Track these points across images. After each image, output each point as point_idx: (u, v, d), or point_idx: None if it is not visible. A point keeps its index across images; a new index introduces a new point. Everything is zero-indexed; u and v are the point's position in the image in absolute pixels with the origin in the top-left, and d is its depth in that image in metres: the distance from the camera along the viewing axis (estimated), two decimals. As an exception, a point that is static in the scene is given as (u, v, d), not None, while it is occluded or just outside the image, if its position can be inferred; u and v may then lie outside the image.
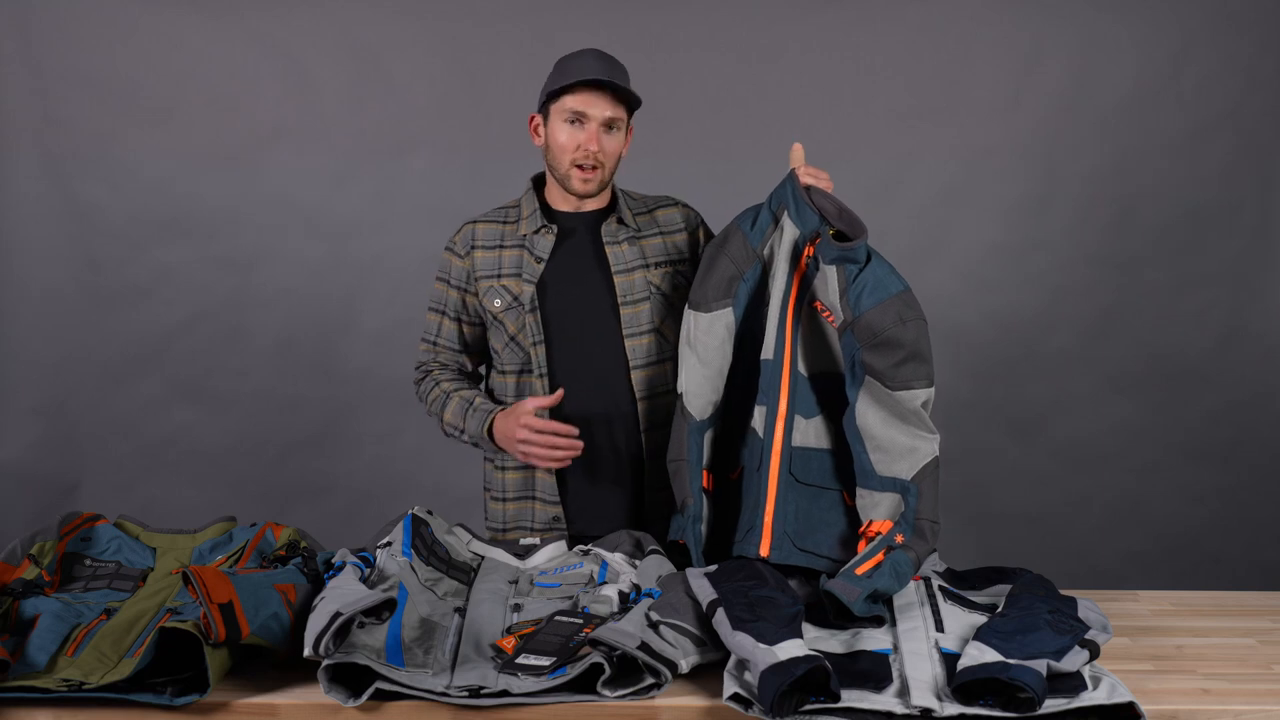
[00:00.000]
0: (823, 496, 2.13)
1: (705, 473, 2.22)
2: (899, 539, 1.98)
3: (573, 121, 2.32)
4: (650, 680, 1.71)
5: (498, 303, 2.42)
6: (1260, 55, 3.91)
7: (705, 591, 1.88)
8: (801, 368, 2.18)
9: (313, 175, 3.94)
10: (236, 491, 3.90)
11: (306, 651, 1.69)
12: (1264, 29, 3.90)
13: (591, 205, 2.44)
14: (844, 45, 3.92)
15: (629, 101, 2.37)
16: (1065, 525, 4.03)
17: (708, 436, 2.23)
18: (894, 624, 1.88)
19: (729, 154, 3.90)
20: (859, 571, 1.94)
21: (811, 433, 2.16)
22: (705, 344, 2.22)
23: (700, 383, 2.22)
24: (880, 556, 1.96)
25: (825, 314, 2.16)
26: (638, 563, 2.10)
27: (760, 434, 2.15)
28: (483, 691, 1.70)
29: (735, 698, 1.66)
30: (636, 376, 2.40)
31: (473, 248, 2.45)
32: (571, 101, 2.31)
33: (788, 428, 2.14)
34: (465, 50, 3.91)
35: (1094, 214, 3.98)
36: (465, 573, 2.11)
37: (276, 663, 1.81)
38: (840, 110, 3.90)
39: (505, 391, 2.46)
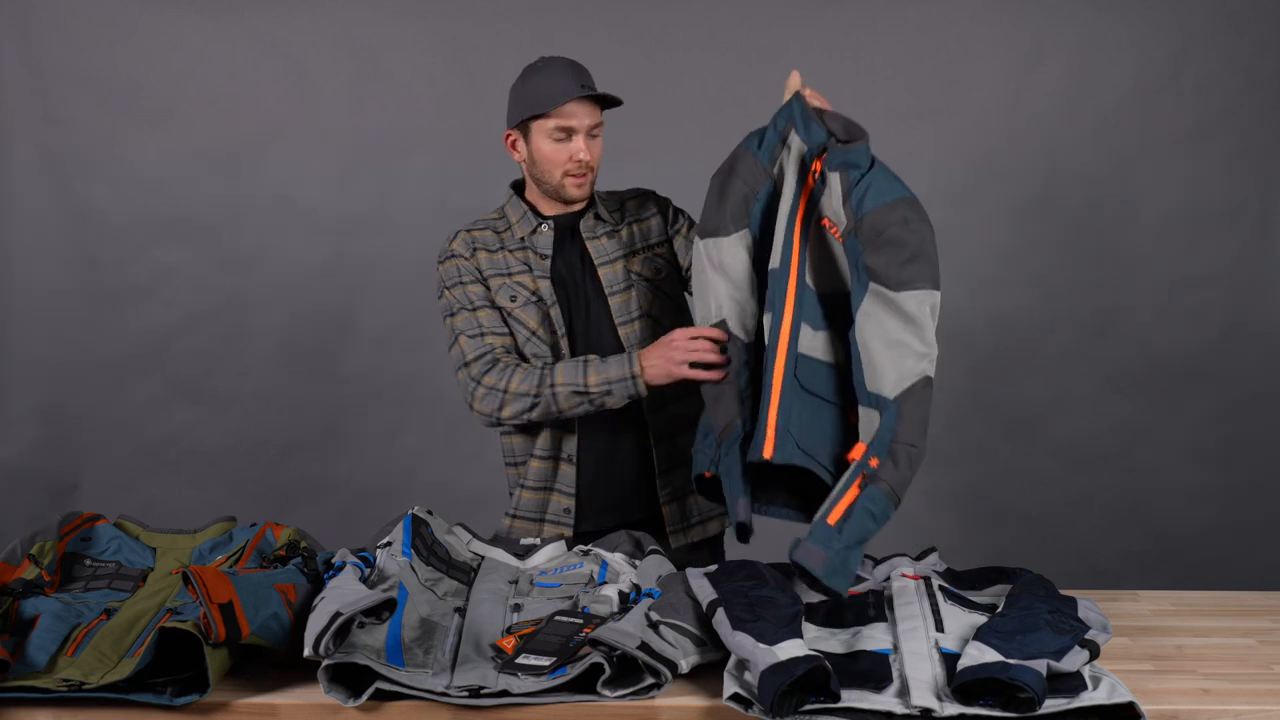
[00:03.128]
0: (825, 409, 2.07)
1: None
2: (873, 462, 1.91)
3: (561, 139, 2.35)
4: (650, 680, 1.71)
5: (513, 299, 2.42)
6: (1260, 55, 3.91)
7: (705, 591, 1.88)
8: (810, 283, 2.12)
9: (313, 175, 3.94)
10: (236, 491, 3.90)
11: (306, 651, 1.69)
12: (1264, 29, 3.90)
13: (575, 206, 2.48)
14: (844, 45, 3.92)
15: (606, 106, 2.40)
16: (1065, 525, 4.03)
17: (747, 362, 2.14)
18: (894, 624, 1.88)
19: (728, 153, 3.90)
20: (831, 519, 1.87)
21: (819, 345, 2.11)
22: (733, 266, 2.15)
23: (742, 303, 2.15)
24: (854, 493, 1.89)
25: (832, 230, 2.10)
26: (638, 563, 2.10)
27: (766, 340, 2.09)
28: (483, 691, 1.70)
29: (735, 698, 1.66)
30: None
31: (475, 249, 2.45)
32: (561, 119, 2.33)
33: (793, 333, 2.07)
34: (465, 50, 3.91)
35: (1094, 214, 3.98)
36: (465, 573, 2.11)
37: (276, 663, 1.81)
38: (840, 110, 3.89)
39: None
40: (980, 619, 1.88)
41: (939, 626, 1.85)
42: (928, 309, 1.98)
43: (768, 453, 1.99)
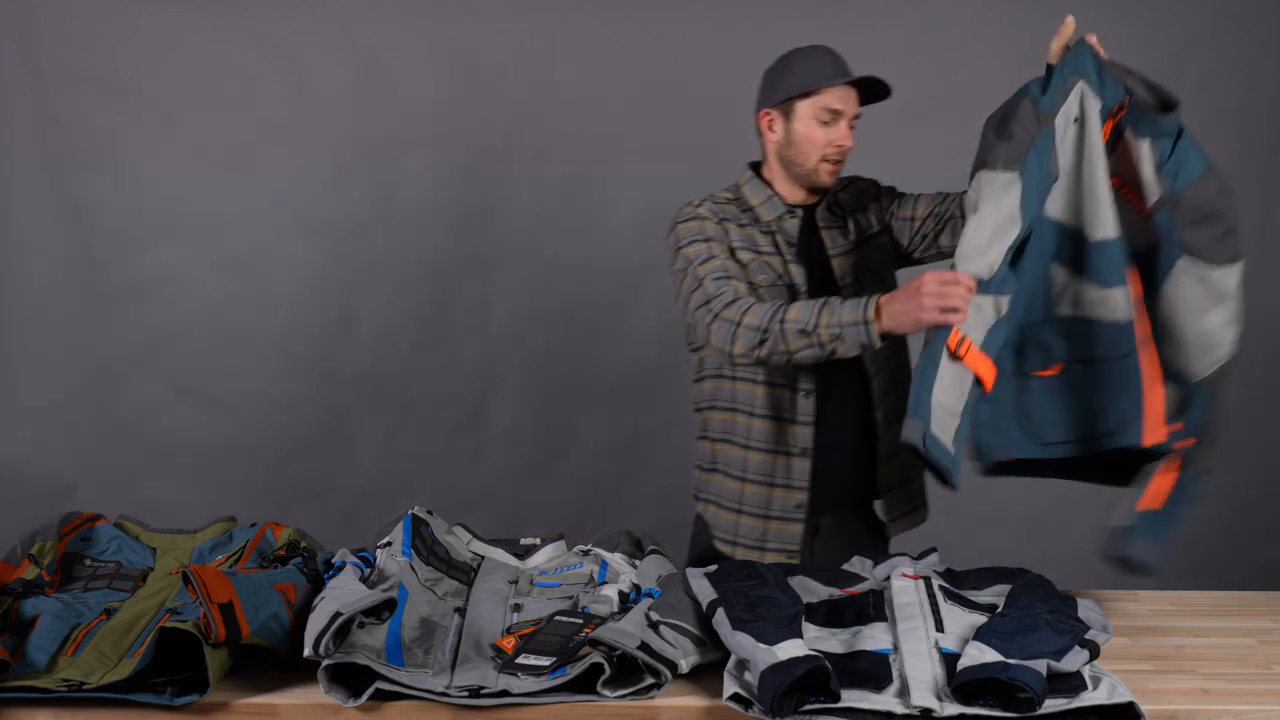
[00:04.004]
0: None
1: (989, 362, 2.01)
2: (1187, 443, 1.85)
3: (827, 122, 2.35)
4: (650, 680, 1.71)
5: (762, 277, 2.39)
6: (1260, 55, 3.91)
7: (705, 591, 1.88)
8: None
9: (313, 175, 3.94)
10: (236, 491, 3.90)
11: (306, 651, 1.69)
12: (1264, 29, 3.90)
13: (808, 199, 2.47)
14: (844, 45, 3.89)
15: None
16: (1065, 525, 4.02)
17: (988, 319, 2.00)
18: (894, 624, 1.88)
19: (729, 154, 3.88)
20: (1154, 505, 1.82)
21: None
22: (1001, 203, 2.02)
23: (987, 239, 2.01)
24: (1170, 476, 1.84)
25: (1124, 190, 2.04)
26: (638, 563, 2.10)
27: (1119, 318, 2.00)
28: (483, 691, 1.70)
29: (735, 698, 1.66)
30: (868, 353, 2.31)
31: (723, 220, 2.42)
32: (830, 99, 2.35)
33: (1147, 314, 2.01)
34: (465, 50, 3.91)
35: (1094, 214, 3.97)
36: (465, 573, 2.11)
37: (276, 663, 1.81)
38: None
39: (757, 369, 2.40)
40: (980, 619, 1.89)
41: (939, 626, 1.85)
42: (1239, 283, 2.00)
43: (1157, 437, 1.92)
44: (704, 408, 2.51)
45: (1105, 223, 2.03)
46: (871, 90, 2.39)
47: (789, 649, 1.66)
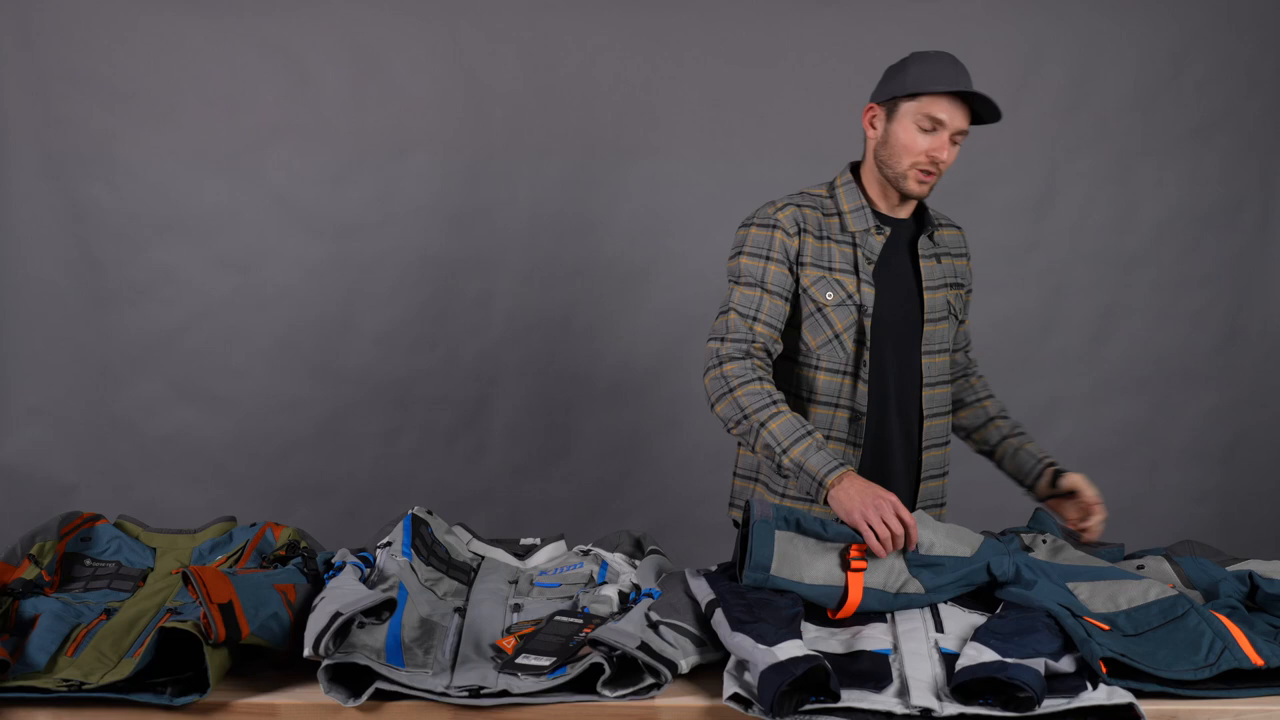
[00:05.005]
0: None
1: (858, 598, 1.94)
2: None
3: (928, 130, 2.27)
4: (650, 680, 1.71)
5: (830, 295, 2.31)
6: (1260, 55, 3.91)
7: (703, 591, 1.88)
8: None
9: (313, 175, 3.94)
10: (236, 491, 3.90)
11: (306, 651, 1.69)
12: (1264, 29, 3.91)
13: (904, 212, 2.40)
14: (844, 46, 3.92)
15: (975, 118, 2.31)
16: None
17: (886, 580, 1.96)
18: (894, 624, 1.88)
19: (729, 154, 3.91)
20: None
21: None
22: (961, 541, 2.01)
23: (942, 536, 2.01)
24: None
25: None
26: (638, 563, 2.10)
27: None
28: (483, 691, 1.70)
29: (735, 698, 1.66)
30: (926, 395, 2.37)
31: (802, 231, 2.31)
32: (934, 107, 2.25)
33: None
34: (465, 50, 3.91)
35: (1094, 214, 3.98)
36: (465, 573, 2.11)
37: (276, 663, 1.81)
38: (840, 111, 3.89)
39: (812, 388, 2.33)
40: (980, 619, 1.89)
41: (938, 626, 1.85)
42: None
43: None
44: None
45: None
46: (986, 110, 2.28)
47: (788, 649, 1.66)
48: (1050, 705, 1.64)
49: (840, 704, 1.64)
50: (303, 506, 3.83)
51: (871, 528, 1.95)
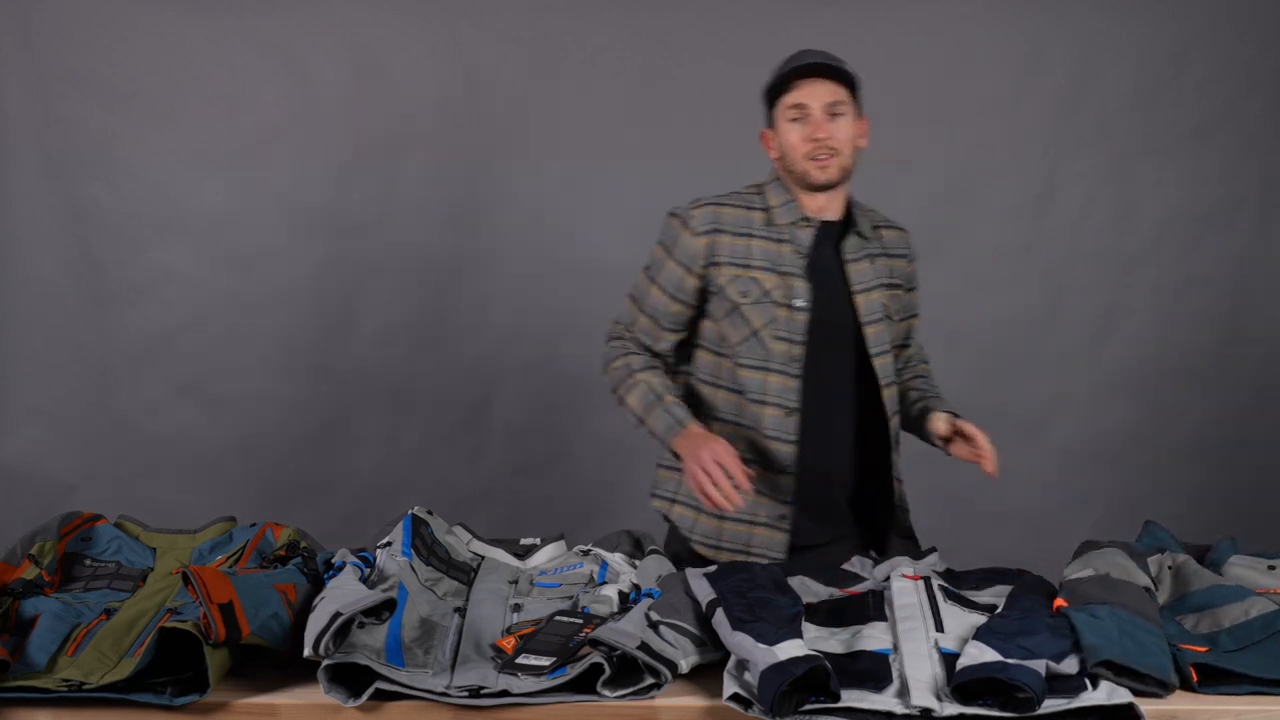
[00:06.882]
0: None
1: None
2: None
3: (796, 119, 2.29)
4: (650, 680, 1.71)
5: (744, 293, 2.32)
6: (1260, 55, 3.91)
7: (704, 591, 1.88)
8: None
9: (313, 175, 3.94)
10: (236, 491, 3.90)
11: (306, 651, 1.69)
12: (1264, 29, 3.90)
13: (830, 214, 2.38)
14: (844, 46, 3.90)
15: (849, 83, 2.31)
16: (1065, 525, 4.02)
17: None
18: (894, 624, 1.88)
19: (729, 155, 3.87)
20: None
21: None
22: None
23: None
24: None
25: None
26: (638, 563, 2.10)
27: None
28: (483, 691, 1.70)
29: (735, 698, 1.66)
30: (887, 395, 2.38)
31: (716, 230, 2.34)
32: (791, 96, 2.28)
33: None
34: (465, 50, 3.91)
35: (1094, 214, 3.98)
36: (465, 573, 2.11)
37: (276, 663, 1.81)
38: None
39: (740, 384, 2.35)
40: (980, 619, 1.88)
41: (939, 626, 1.85)
42: None
43: None
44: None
45: None
46: (841, 74, 2.31)
47: (789, 649, 1.66)
48: (1050, 705, 1.64)
49: (840, 704, 1.64)
50: (303, 506, 3.83)
51: (701, 485, 2.12)
